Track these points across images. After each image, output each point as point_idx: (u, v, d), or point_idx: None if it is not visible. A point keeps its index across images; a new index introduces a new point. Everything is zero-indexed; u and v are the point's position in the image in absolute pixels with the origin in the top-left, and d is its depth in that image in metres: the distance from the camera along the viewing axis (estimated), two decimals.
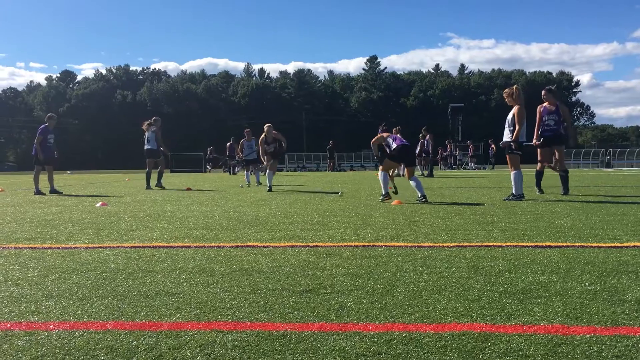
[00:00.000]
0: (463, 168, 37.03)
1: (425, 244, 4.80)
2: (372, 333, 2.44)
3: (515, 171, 9.12)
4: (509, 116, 9.25)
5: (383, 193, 9.31)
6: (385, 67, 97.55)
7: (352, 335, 2.42)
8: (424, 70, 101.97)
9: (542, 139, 9.99)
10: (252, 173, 16.25)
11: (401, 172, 16.49)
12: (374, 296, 3.07)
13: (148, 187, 14.51)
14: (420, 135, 22.03)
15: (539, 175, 10.44)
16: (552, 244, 4.70)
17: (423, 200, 8.83)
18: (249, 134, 16.67)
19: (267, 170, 13.01)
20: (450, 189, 12.65)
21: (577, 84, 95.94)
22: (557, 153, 10.08)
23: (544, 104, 10.00)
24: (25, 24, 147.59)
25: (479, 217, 6.71)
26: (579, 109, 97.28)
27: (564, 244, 4.70)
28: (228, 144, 29.61)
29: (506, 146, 9.23)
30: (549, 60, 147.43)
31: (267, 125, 13.05)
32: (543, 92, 10.21)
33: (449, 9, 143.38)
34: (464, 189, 12.91)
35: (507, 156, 9.35)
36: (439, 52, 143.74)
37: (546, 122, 9.97)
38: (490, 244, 4.78)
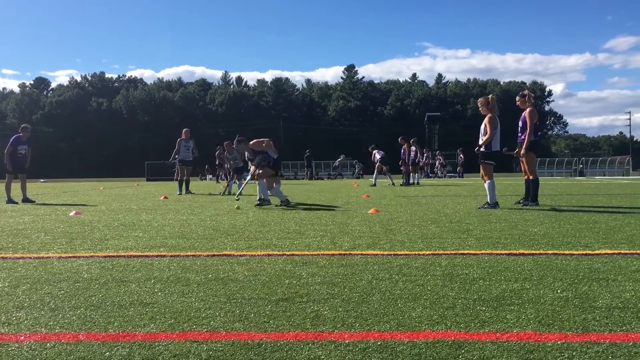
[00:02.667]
0: (436, 176, 37.35)
1: (401, 252, 4.83)
2: (347, 342, 2.44)
3: (488, 181, 9.24)
4: (482, 125, 9.37)
5: (262, 198, 10.32)
6: (363, 76, 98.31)
7: (328, 344, 2.42)
8: (401, 79, 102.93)
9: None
10: (236, 182, 16.17)
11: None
12: (349, 305, 3.08)
13: (180, 192, 15.68)
14: (405, 143, 21.80)
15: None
16: (526, 252, 4.76)
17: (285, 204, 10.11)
18: (229, 146, 16.55)
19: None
20: (426, 197, 12.75)
21: (550, 93, 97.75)
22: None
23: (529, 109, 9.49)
24: None
25: (455, 225, 6.78)
26: (552, 118, 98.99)
27: (537, 252, 4.77)
28: (217, 152, 29.15)
29: (478, 154, 9.35)
30: (524, 70, 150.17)
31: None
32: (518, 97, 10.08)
33: (425, 19, 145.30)
34: (440, 197, 13.02)
35: (480, 165, 9.46)
36: (416, 61, 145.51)
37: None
38: (465, 252, 4.83)
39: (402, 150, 21.87)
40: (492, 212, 8.39)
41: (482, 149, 9.31)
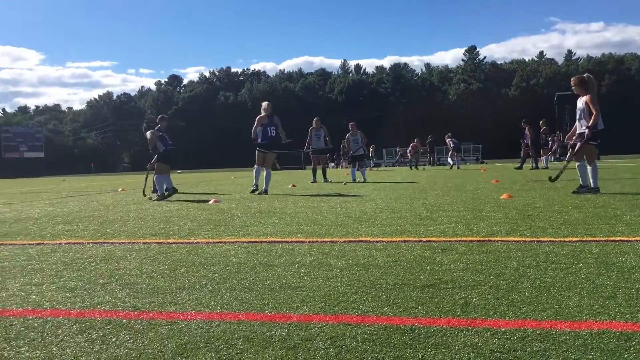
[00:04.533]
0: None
1: (545, 239, 4.61)
2: (503, 329, 2.38)
3: (592, 163, 8.61)
4: (581, 105, 8.65)
5: (159, 194, 10.84)
6: (485, 57, 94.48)
7: (483, 331, 2.38)
8: (527, 58, 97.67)
9: None
10: (358, 169, 16.08)
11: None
12: (498, 292, 3.00)
13: (314, 180, 15.62)
14: (527, 126, 21.19)
15: None
16: None
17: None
18: (353, 128, 16.31)
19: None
20: (562, 181, 12.04)
21: None
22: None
23: None
24: (134, 33, 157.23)
25: (600, 211, 6.35)
26: None
27: None
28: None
29: (583, 136, 8.57)
30: None
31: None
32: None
33: None
34: (577, 181, 12.23)
35: (581, 147, 8.71)
36: (542, 38, 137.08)
37: None
38: (617, 238, 4.51)
39: (525, 134, 21.09)
40: (638, 193, 7.76)
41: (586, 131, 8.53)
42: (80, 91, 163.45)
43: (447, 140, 29.09)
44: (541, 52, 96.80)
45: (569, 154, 9.57)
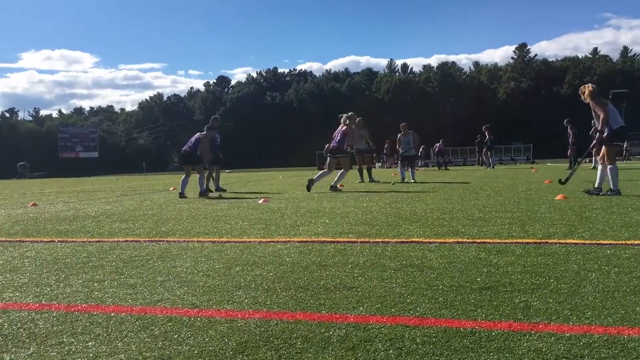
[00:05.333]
0: (627, 159, 33.96)
1: (606, 242, 4.46)
2: (567, 335, 2.32)
3: (611, 165, 8.46)
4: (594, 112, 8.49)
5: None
6: (536, 55, 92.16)
7: (547, 336, 2.32)
8: (580, 55, 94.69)
9: None
10: (408, 169, 15.91)
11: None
12: (560, 296, 2.92)
13: (362, 180, 15.80)
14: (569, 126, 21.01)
15: None
16: None
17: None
18: (405, 128, 16.10)
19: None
20: (622, 183, 11.64)
21: None
22: None
23: None
24: (183, 36, 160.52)
25: None
26: None
27: None
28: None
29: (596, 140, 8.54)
30: None
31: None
32: None
33: None
34: (634, 181, 11.82)
35: (604, 148, 8.54)
36: (596, 34, 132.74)
37: None
38: None
39: (568, 134, 20.86)
40: None
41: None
42: (132, 92, 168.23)
43: (485, 133, 28.51)
44: (595, 49, 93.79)
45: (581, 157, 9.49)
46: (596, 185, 8.76)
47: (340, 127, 12.64)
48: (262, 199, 9.93)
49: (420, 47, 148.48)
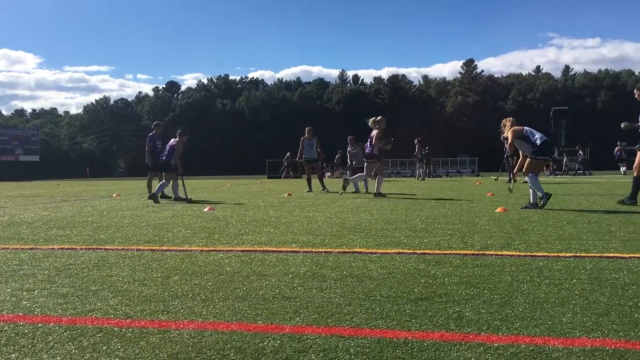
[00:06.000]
0: (566, 174, 35.30)
1: (540, 254, 4.61)
2: (496, 345, 2.38)
3: (529, 176, 9.07)
4: None
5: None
6: (482, 70, 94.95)
7: (476, 346, 2.37)
8: (524, 72, 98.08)
9: None
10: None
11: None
12: (492, 307, 2.99)
13: (309, 190, 15.68)
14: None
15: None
16: None
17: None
18: (352, 140, 16.61)
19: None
20: (557, 197, 12.08)
21: None
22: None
23: None
24: (132, 38, 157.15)
25: (594, 227, 6.36)
26: None
27: None
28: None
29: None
30: None
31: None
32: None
33: (549, 8, 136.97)
34: (571, 195, 12.29)
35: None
36: (539, 53, 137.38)
37: None
38: (611, 255, 4.52)
39: (505, 149, 21.42)
40: (634, 212, 7.78)
41: None
42: (77, 95, 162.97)
43: (417, 145, 29.09)
44: (538, 67, 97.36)
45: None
46: (531, 201, 9.07)
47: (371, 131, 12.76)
48: (208, 207, 9.82)
49: (372, 59, 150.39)
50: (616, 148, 32.89)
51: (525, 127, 9.50)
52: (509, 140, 9.38)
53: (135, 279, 3.86)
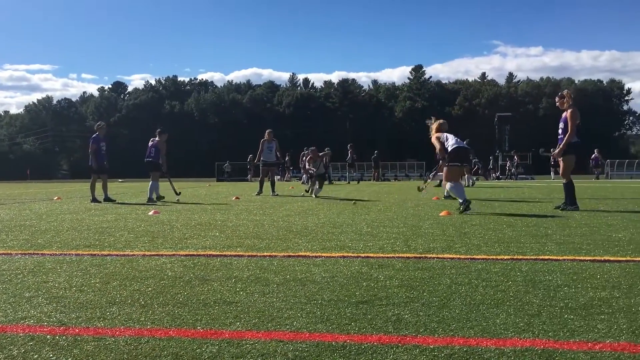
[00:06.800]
0: (508, 178, 36.39)
1: (479, 257, 4.74)
2: (432, 346, 2.43)
3: (451, 184, 9.31)
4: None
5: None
6: (430, 76, 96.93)
7: (412, 348, 2.42)
8: (470, 79, 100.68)
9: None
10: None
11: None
12: (430, 309, 3.05)
13: (260, 193, 15.56)
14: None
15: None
16: (611, 259, 4.57)
17: None
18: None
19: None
20: (499, 201, 12.44)
21: (629, 91, 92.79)
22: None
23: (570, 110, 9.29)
24: (76, 36, 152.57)
25: (532, 230, 6.58)
26: (631, 118, 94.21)
27: (624, 259, 4.56)
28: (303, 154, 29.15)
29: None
30: (600, 68, 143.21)
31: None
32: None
33: (495, 17, 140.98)
34: (513, 200, 12.67)
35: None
36: (485, 60, 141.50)
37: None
38: (546, 257, 4.69)
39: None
40: (570, 216, 8.09)
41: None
42: (18, 94, 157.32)
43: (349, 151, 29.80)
44: (483, 74, 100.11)
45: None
46: (461, 201, 9.13)
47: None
48: (153, 211, 9.64)
49: (322, 62, 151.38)
50: (592, 155, 33.36)
51: (445, 133, 9.57)
52: (437, 146, 9.41)
53: (72, 284, 3.75)
